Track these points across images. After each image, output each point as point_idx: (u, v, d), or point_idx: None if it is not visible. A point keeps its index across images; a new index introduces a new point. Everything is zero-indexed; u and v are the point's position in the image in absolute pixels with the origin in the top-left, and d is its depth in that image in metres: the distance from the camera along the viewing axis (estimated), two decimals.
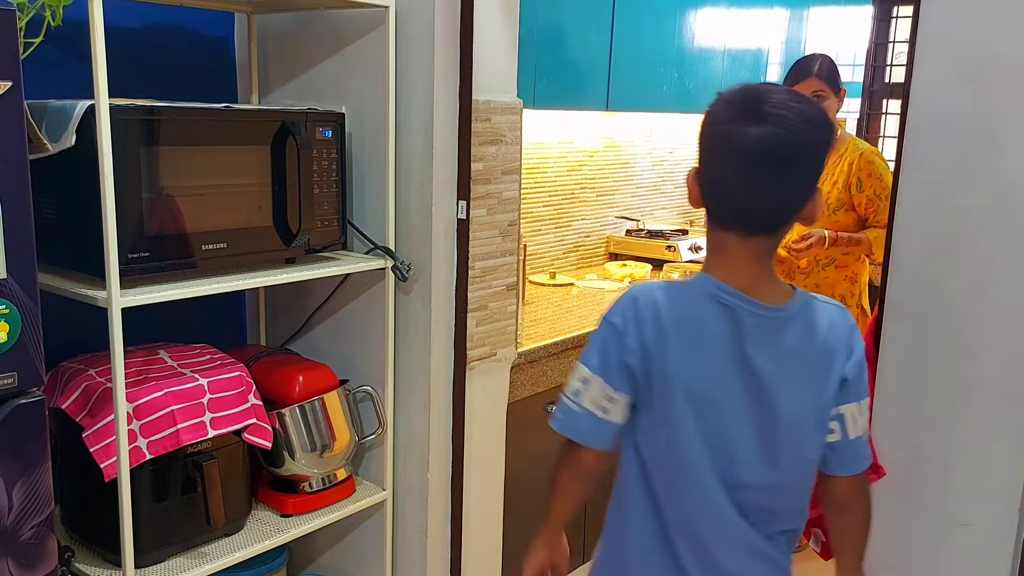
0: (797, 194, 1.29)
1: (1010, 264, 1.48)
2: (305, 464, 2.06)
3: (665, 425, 1.35)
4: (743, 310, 1.30)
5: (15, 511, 1.43)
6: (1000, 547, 1.54)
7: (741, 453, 1.33)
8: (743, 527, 1.36)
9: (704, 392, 1.32)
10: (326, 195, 2.01)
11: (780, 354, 1.31)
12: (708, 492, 1.34)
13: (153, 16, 2.17)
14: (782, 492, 1.37)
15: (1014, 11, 1.44)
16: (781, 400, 1.32)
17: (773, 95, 1.26)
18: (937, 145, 1.53)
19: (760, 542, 1.38)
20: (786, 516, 1.40)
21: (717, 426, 1.32)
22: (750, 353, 1.30)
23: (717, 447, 1.33)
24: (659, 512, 1.39)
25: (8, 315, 1.38)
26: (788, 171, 1.26)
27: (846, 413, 1.36)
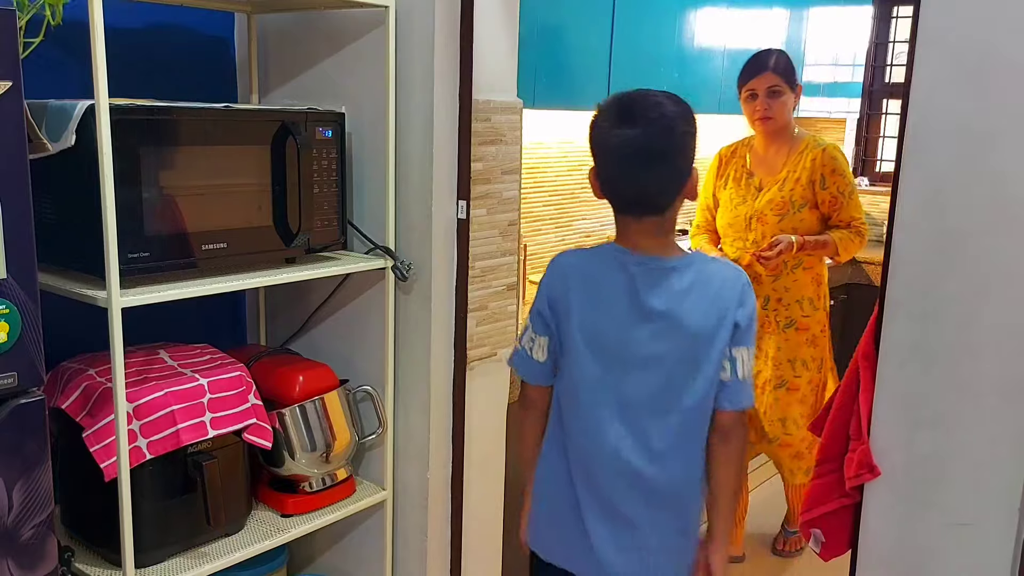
0: (672, 179, 1.54)
1: (1010, 264, 1.48)
2: (305, 464, 2.06)
3: (570, 365, 1.61)
4: (631, 261, 1.57)
5: (15, 511, 1.43)
6: (1000, 547, 1.54)
7: (631, 390, 1.56)
8: (624, 459, 1.57)
9: (603, 335, 1.57)
10: (326, 195, 2.01)
11: (669, 296, 1.55)
12: (598, 425, 1.58)
13: (153, 16, 2.17)
14: (664, 424, 1.57)
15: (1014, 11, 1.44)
16: (673, 337, 1.54)
17: (639, 100, 1.52)
18: (937, 145, 1.53)
19: (639, 467, 1.57)
20: (670, 452, 1.59)
21: (612, 364, 1.56)
22: (642, 296, 1.55)
23: (610, 384, 1.56)
24: (564, 441, 1.64)
25: (8, 315, 1.38)
26: (659, 162, 1.51)
27: (738, 356, 1.57)
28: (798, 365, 2.87)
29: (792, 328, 2.86)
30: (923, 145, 1.54)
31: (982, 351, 1.52)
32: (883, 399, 1.64)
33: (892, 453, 1.64)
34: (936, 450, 1.59)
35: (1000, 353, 1.50)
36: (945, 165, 1.52)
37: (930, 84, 1.53)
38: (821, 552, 1.83)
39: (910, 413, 1.61)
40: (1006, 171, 1.47)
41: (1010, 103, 1.45)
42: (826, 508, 1.79)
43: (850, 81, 4.26)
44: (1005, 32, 1.44)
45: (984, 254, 1.50)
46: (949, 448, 1.58)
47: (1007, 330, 1.49)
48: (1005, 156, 1.47)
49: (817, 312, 2.88)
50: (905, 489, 1.63)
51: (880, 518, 1.67)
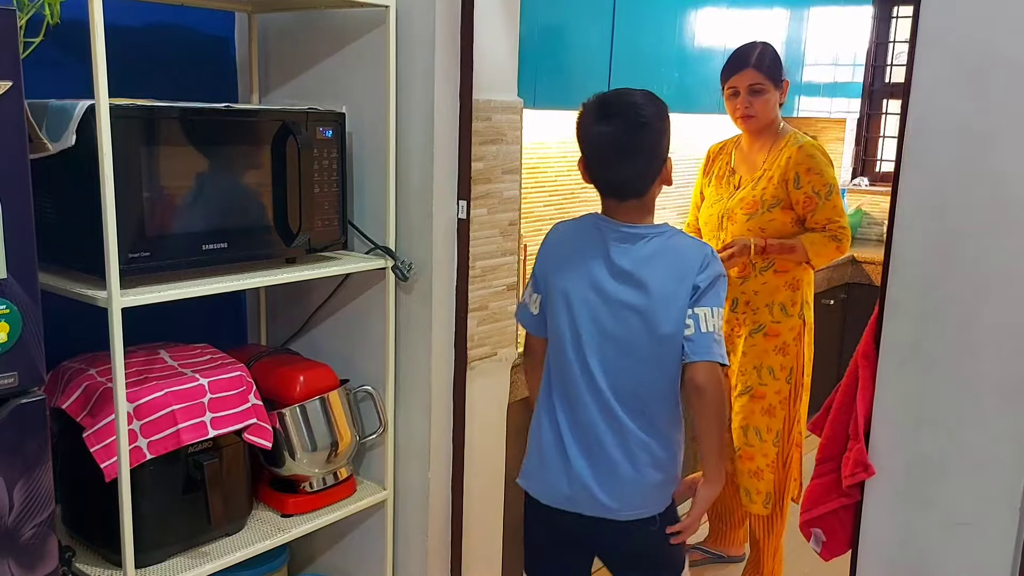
0: (647, 166, 1.79)
1: (1010, 264, 1.48)
2: (306, 464, 2.07)
3: (552, 316, 1.86)
4: (606, 227, 1.82)
5: (16, 511, 1.43)
6: (1000, 547, 1.54)
7: (603, 338, 1.79)
8: (599, 391, 1.79)
9: (576, 290, 1.81)
10: (326, 195, 2.01)
11: (634, 258, 1.79)
12: (577, 364, 1.81)
13: (153, 16, 2.17)
14: (633, 369, 1.79)
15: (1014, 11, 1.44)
16: (635, 295, 1.77)
17: (615, 99, 1.77)
18: (937, 145, 1.53)
19: (612, 404, 1.79)
20: (635, 388, 1.80)
21: (588, 315, 1.80)
22: (613, 255, 1.79)
23: (588, 331, 1.80)
24: (550, 379, 1.87)
25: (8, 315, 1.38)
26: (633, 153, 1.76)
27: (700, 313, 1.75)
28: (764, 373, 2.69)
29: (760, 333, 2.68)
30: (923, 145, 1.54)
31: (982, 351, 1.52)
32: (883, 399, 1.64)
33: (892, 453, 1.64)
34: (936, 450, 1.59)
35: (1000, 353, 1.50)
36: (945, 165, 1.52)
37: (930, 84, 1.53)
38: (821, 552, 1.83)
39: (910, 413, 1.61)
40: (1006, 171, 1.47)
41: (1010, 103, 1.45)
42: (826, 508, 1.79)
43: (850, 81, 4.26)
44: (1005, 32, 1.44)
45: (984, 254, 1.50)
46: (949, 448, 1.58)
47: (1007, 330, 1.49)
48: (1005, 156, 1.47)
49: (790, 319, 2.67)
50: (905, 489, 1.63)
51: (880, 518, 1.67)
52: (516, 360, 2.32)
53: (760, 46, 2.64)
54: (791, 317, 2.68)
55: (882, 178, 4.63)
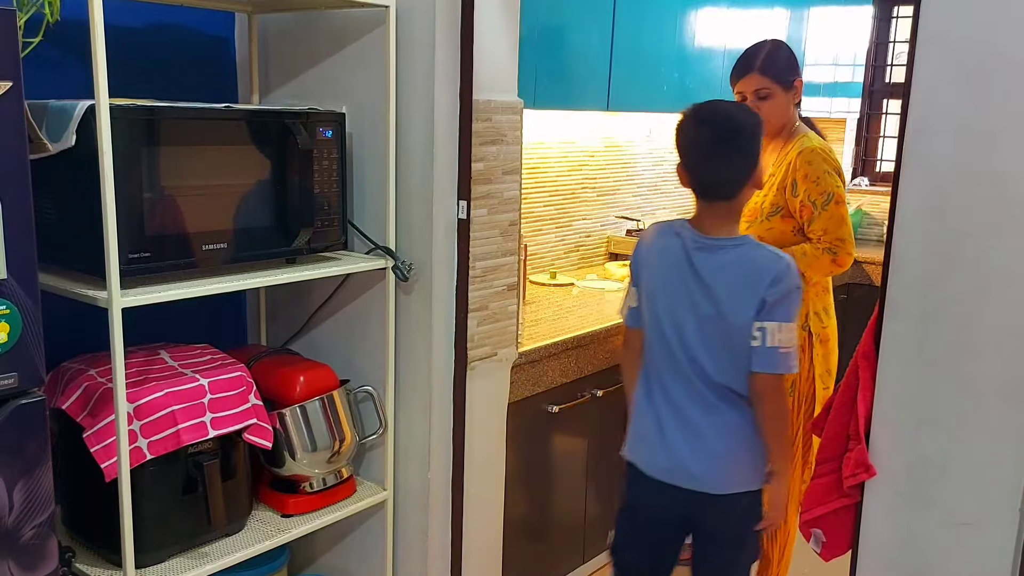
0: (740, 169, 1.92)
1: (1010, 264, 1.48)
2: (306, 464, 2.07)
3: (647, 309, 2.02)
4: (687, 236, 1.96)
5: (16, 511, 1.43)
6: (1001, 547, 1.54)
7: (687, 330, 1.94)
8: (689, 377, 1.95)
9: (664, 289, 1.98)
10: (326, 195, 2.01)
11: (710, 268, 1.93)
12: (668, 352, 1.97)
13: (153, 16, 2.17)
14: (715, 360, 1.93)
15: (1014, 11, 1.44)
16: (710, 303, 1.92)
17: (713, 105, 1.96)
18: (937, 145, 1.53)
19: (701, 388, 1.95)
20: (720, 377, 1.94)
21: (671, 310, 1.96)
22: (695, 262, 1.94)
23: (672, 324, 1.96)
24: (647, 365, 2.04)
25: (8, 315, 1.38)
26: (727, 154, 1.91)
27: (767, 327, 1.87)
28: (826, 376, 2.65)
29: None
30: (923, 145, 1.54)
31: (982, 351, 1.52)
32: (883, 399, 1.64)
33: (892, 453, 1.64)
34: (936, 450, 1.59)
35: (1000, 353, 1.50)
36: (945, 165, 1.52)
37: (930, 84, 1.53)
38: (821, 552, 1.83)
39: (910, 413, 1.61)
40: (1006, 171, 1.47)
41: (1010, 103, 1.45)
42: (826, 508, 1.79)
43: (850, 81, 4.26)
44: (1005, 32, 1.45)
45: (984, 254, 1.50)
46: (949, 448, 1.58)
47: (1007, 330, 1.49)
48: (1005, 156, 1.47)
49: (831, 320, 2.65)
50: (905, 489, 1.63)
51: (880, 518, 1.67)
52: (516, 360, 2.32)
53: (768, 46, 2.52)
54: (831, 319, 2.62)
55: (882, 178, 4.63)
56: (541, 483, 2.60)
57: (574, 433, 2.68)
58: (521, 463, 2.46)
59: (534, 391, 2.46)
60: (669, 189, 4.01)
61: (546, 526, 2.66)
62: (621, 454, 2.10)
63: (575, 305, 2.96)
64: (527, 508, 2.55)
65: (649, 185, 3.88)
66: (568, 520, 2.74)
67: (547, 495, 2.63)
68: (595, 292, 3.16)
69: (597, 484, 2.81)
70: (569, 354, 2.54)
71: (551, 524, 2.68)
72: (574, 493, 2.73)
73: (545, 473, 2.60)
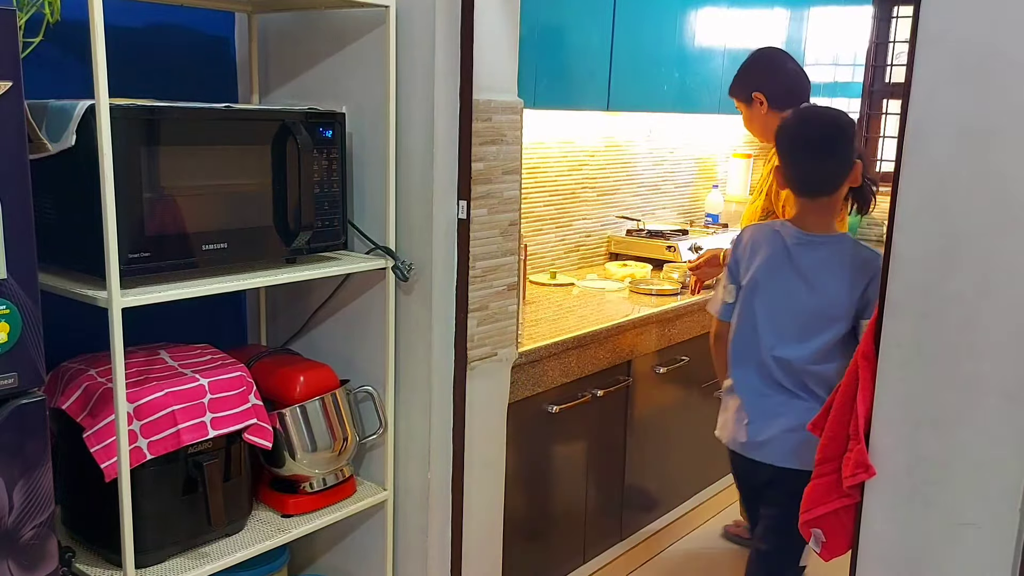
0: (839, 165, 2.13)
1: (1010, 264, 1.48)
2: (306, 464, 2.07)
3: (742, 305, 2.26)
4: (788, 233, 2.19)
5: (16, 511, 1.43)
6: (1001, 547, 1.54)
7: (781, 322, 2.17)
8: (771, 366, 2.19)
9: (764, 284, 2.20)
10: (326, 195, 2.01)
11: (810, 263, 2.14)
12: (757, 343, 2.21)
13: (153, 16, 2.17)
14: (804, 350, 2.15)
15: (1014, 11, 1.44)
16: (808, 295, 2.13)
17: (812, 111, 2.24)
18: (937, 145, 1.53)
19: (781, 377, 2.18)
20: (806, 365, 2.16)
21: (769, 303, 2.19)
22: (795, 257, 2.15)
23: (768, 317, 2.19)
24: (733, 353, 2.29)
25: (8, 315, 1.38)
26: (828, 152, 2.14)
27: (864, 325, 1.95)
28: None
29: None
30: (923, 145, 1.54)
31: (982, 351, 1.52)
32: (883, 399, 1.64)
33: (892, 453, 1.64)
34: (936, 450, 1.59)
35: (1000, 353, 1.50)
36: (945, 165, 1.52)
37: (930, 84, 1.53)
38: (821, 552, 1.83)
39: (910, 413, 1.61)
40: (1006, 171, 1.47)
41: (1010, 103, 1.45)
42: (826, 508, 1.79)
43: (850, 81, 4.26)
44: (1005, 32, 1.44)
45: (984, 254, 1.50)
46: (949, 448, 1.58)
47: (1007, 330, 1.49)
48: (1005, 156, 1.47)
49: None
50: (905, 489, 1.63)
51: (880, 518, 1.67)
52: (516, 360, 2.33)
53: (743, 65, 2.80)
54: None
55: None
56: (541, 483, 2.60)
57: (574, 433, 2.68)
58: (521, 463, 2.46)
59: (534, 391, 2.46)
60: (669, 189, 4.01)
61: (546, 526, 2.66)
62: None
63: (575, 305, 2.96)
64: (527, 508, 2.55)
65: (649, 185, 3.88)
66: (568, 520, 2.74)
67: (547, 495, 2.63)
68: (595, 292, 3.16)
69: (597, 484, 2.81)
70: (569, 354, 2.55)
71: (551, 524, 2.68)
72: (574, 493, 2.73)
73: (545, 473, 2.60)
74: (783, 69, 2.76)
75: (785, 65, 2.78)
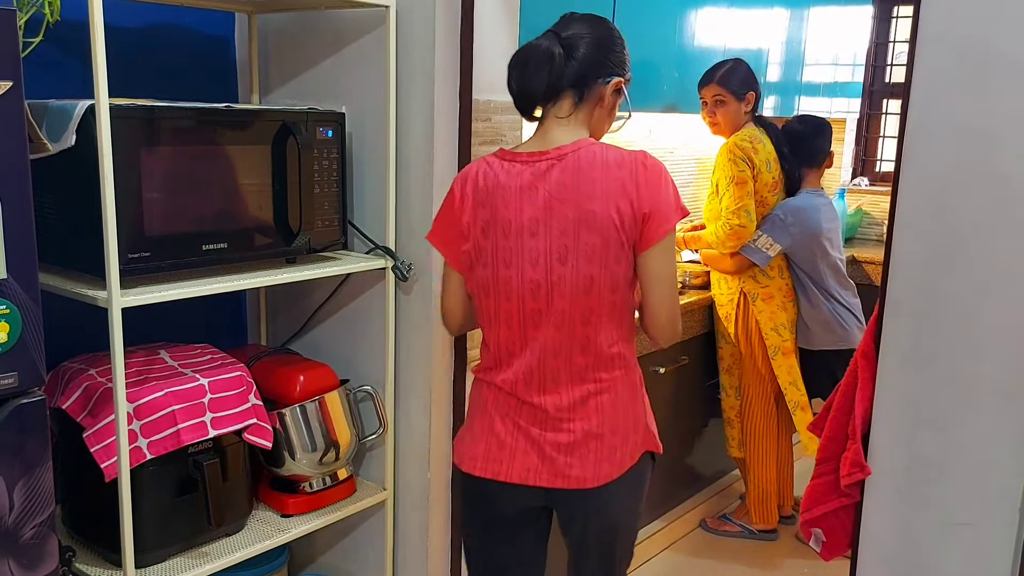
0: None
1: (1010, 264, 1.48)
2: (306, 464, 2.07)
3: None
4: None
5: (16, 511, 1.43)
6: (1001, 547, 1.54)
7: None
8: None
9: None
10: (326, 195, 2.01)
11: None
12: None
13: (153, 16, 2.17)
14: None
15: (1014, 11, 1.44)
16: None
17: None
18: (937, 145, 1.53)
19: None
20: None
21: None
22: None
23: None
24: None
25: (9, 315, 1.38)
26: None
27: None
28: (720, 339, 3.19)
29: (716, 306, 3.19)
30: (923, 145, 1.54)
31: (982, 351, 1.52)
32: (883, 399, 1.64)
33: (892, 453, 1.64)
34: (936, 450, 1.59)
35: (1000, 353, 1.51)
36: (945, 165, 1.52)
37: (930, 84, 1.53)
38: (821, 552, 1.83)
39: (910, 413, 1.61)
40: (1006, 171, 1.47)
41: (1010, 103, 1.45)
42: (826, 508, 1.79)
43: (850, 81, 4.26)
44: (1005, 32, 1.45)
45: (984, 254, 1.50)
46: (949, 448, 1.58)
47: (1007, 330, 1.49)
48: (1005, 156, 1.47)
49: (729, 291, 3.10)
50: (905, 489, 1.63)
51: (880, 518, 1.67)
52: None
53: (730, 64, 3.02)
54: (730, 289, 3.07)
55: (882, 178, 4.63)
56: None
57: None
58: None
59: None
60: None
61: None
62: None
63: None
64: None
65: None
66: None
67: None
68: None
69: None
70: None
71: None
72: None
73: None
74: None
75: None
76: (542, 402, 1.63)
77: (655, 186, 1.56)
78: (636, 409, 1.70)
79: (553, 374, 1.62)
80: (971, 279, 1.52)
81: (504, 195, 1.60)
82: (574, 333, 1.60)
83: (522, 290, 1.59)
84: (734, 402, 3.16)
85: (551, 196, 1.57)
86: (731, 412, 3.18)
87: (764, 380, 3.08)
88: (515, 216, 1.58)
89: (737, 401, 3.16)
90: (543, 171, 1.58)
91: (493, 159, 1.65)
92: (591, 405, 1.63)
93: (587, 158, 1.57)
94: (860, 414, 1.67)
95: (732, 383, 3.16)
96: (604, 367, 1.63)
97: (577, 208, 1.55)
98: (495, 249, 1.60)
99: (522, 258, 1.58)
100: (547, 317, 1.60)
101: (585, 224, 1.55)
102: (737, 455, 3.22)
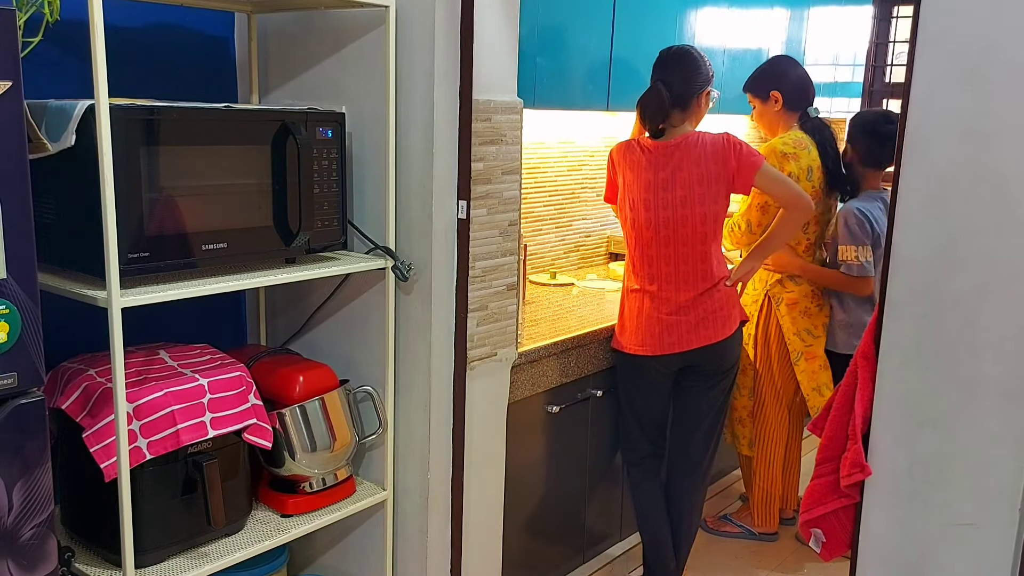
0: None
1: (1010, 263, 1.48)
2: (305, 464, 2.06)
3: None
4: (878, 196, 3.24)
5: (15, 511, 1.43)
6: (1001, 547, 1.54)
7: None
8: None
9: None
10: (326, 195, 2.01)
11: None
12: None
13: (153, 16, 2.17)
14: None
15: (1014, 11, 1.44)
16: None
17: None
18: (937, 145, 1.53)
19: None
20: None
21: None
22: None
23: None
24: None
25: (8, 315, 1.38)
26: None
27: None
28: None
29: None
30: (923, 145, 1.54)
31: (982, 351, 1.52)
32: (883, 399, 1.64)
33: (892, 453, 1.64)
34: (936, 450, 1.59)
35: (1000, 353, 1.51)
36: (945, 165, 1.52)
37: (930, 84, 1.53)
38: (821, 552, 1.83)
39: (910, 413, 1.61)
40: (1006, 171, 1.47)
41: (1010, 103, 1.45)
42: (826, 508, 1.80)
43: (850, 81, 4.26)
44: (1005, 32, 1.45)
45: (985, 254, 1.50)
46: (949, 448, 1.58)
47: (1007, 330, 1.49)
48: (1005, 156, 1.47)
49: (755, 292, 3.10)
50: (905, 489, 1.63)
51: (880, 518, 1.67)
52: (516, 360, 2.32)
53: (759, 68, 3.06)
54: (755, 291, 3.07)
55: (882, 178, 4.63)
56: (541, 483, 2.60)
57: (574, 433, 2.68)
58: (521, 463, 2.46)
59: (534, 391, 2.46)
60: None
61: (546, 526, 2.66)
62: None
63: (575, 305, 2.96)
64: (527, 508, 2.55)
65: None
66: (568, 520, 2.74)
67: (547, 495, 2.63)
68: (595, 292, 3.16)
69: (597, 484, 2.81)
70: (569, 354, 2.54)
71: (551, 524, 2.68)
72: (574, 493, 2.73)
73: (545, 473, 2.60)
74: (795, 73, 3.04)
75: (797, 70, 3.07)
76: (677, 296, 2.55)
77: (737, 149, 2.49)
78: (732, 296, 2.61)
79: (684, 277, 2.53)
80: (971, 279, 1.52)
81: (648, 165, 2.53)
82: (695, 250, 2.52)
83: (657, 224, 2.52)
84: (747, 402, 3.15)
85: (676, 167, 2.49)
86: (743, 412, 3.18)
87: (778, 384, 3.06)
88: (654, 177, 2.52)
89: (750, 402, 3.14)
90: (671, 151, 2.51)
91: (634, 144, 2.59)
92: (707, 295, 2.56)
93: (694, 140, 2.51)
94: (860, 414, 1.67)
95: (747, 383, 3.13)
96: (713, 273, 2.55)
97: (692, 170, 2.48)
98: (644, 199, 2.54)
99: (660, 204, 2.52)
100: (678, 241, 2.52)
101: (698, 180, 2.48)
102: (748, 453, 3.22)
